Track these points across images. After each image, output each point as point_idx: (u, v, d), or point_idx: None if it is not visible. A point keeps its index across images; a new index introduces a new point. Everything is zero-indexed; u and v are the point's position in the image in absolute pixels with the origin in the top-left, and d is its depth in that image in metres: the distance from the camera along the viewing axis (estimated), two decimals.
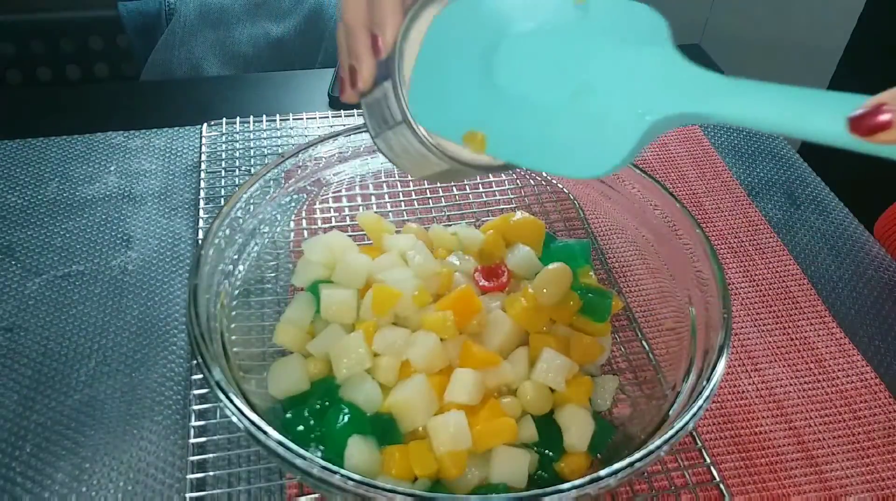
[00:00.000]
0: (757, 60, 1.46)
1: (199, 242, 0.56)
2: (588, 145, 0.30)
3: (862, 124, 0.25)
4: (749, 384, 0.53)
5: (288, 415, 0.43)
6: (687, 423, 0.36)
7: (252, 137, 0.71)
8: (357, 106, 0.39)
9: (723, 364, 0.39)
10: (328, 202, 0.57)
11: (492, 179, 0.65)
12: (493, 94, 0.33)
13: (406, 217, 0.61)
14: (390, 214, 0.61)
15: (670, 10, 0.31)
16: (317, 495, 0.44)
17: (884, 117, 0.25)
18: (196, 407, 0.48)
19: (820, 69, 1.26)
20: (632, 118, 0.29)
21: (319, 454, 0.42)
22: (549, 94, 0.32)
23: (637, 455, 0.35)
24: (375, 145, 0.40)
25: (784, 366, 0.54)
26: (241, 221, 0.47)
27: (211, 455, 0.46)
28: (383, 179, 0.61)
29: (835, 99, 0.26)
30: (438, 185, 0.63)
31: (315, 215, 0.57)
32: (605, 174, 0.30)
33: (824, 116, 0.26)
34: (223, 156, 0.69)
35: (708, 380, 0.38)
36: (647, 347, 0.51)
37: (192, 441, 0.47)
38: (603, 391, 0.48)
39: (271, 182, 0.49)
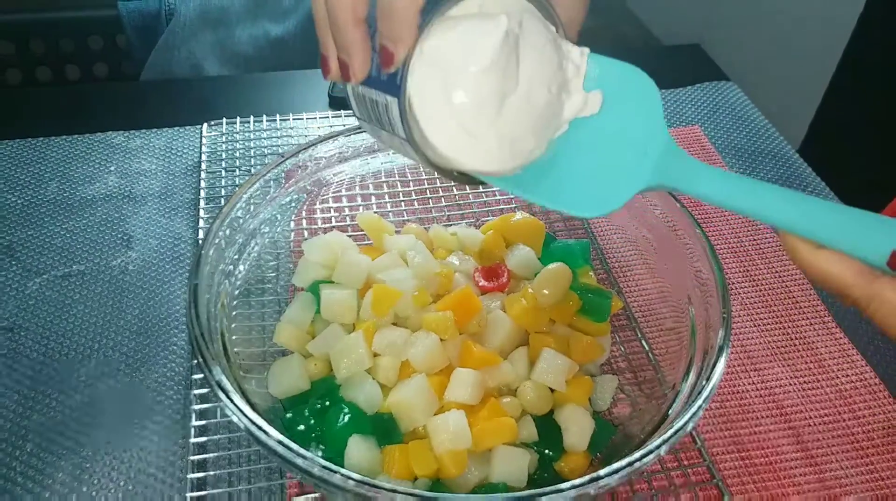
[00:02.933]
0: (758, 58, 1.46)
1: (200, 242, 0.56)
2: (588, 190, 0.35)
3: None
4: (749, 383, 0.53)
5: (288, 415, 0.44)
6: (686, 423, 0.36)
7: (252, 137, 0.71)
8: None
9: (722, 364, 0.39)
10: (328, 202, 0.57)
11: None
12: None
13: (406, 217, 0.61)
14: (390, 214, 0.61)
15: (671, 9, 0.31)
16: (317, 494, 0.44)
17: None
18: (196, 407, 0.48)
19: (821, 67, 1.26)
20: (629, 181, 0.34)
21: (320, 453, 0.42)
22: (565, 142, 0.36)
23: (636, 455, 0.35)
24: (357, 121, 0.39)
25: (784, 366, 0.54)
26: (241, 221, 0.47)
27: (211, 455, 0.46)
28: (383, 179, 0.61)
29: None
30: (439, 185, 0.63)
31: (315, 215, 0.57)
32: (593, 216, 0.36)
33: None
34: (223, 156, 0.69)
35: (707, 380, 0.38)
36: (646, 347, 0.51)
37: (193, 440, 0.47)
38: (603, 390, 0.48)
39: (271, 182, 0.49)
